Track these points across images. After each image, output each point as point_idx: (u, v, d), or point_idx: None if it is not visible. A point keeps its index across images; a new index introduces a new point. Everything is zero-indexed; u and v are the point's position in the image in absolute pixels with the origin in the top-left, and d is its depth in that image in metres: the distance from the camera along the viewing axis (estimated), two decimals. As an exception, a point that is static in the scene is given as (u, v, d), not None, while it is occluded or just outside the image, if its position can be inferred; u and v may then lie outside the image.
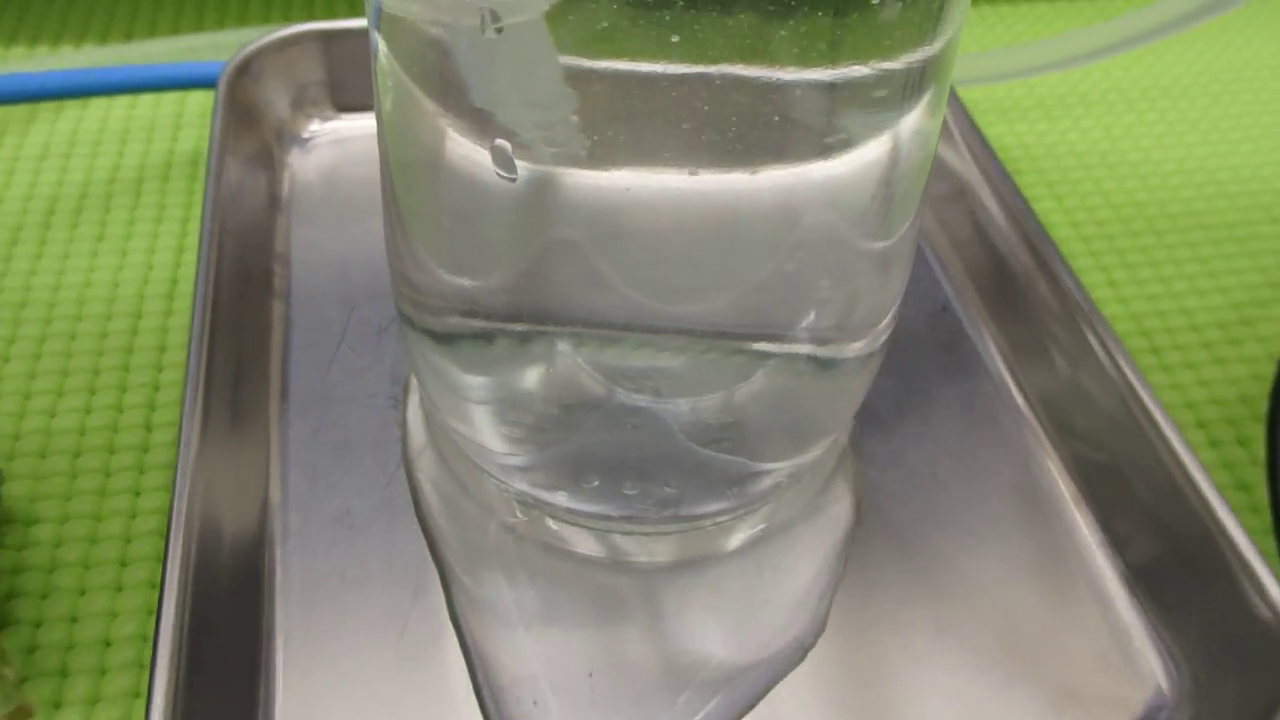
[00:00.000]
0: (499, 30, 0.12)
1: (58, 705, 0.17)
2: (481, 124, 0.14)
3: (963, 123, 0.24)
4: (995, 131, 0.28)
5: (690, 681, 0.17)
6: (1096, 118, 0.29)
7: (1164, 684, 0.17)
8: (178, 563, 0.16)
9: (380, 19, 0.14)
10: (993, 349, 0.22)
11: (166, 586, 0.15)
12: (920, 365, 0.22)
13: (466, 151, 0.14)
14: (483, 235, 0.15)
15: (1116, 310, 0.24)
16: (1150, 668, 0.17)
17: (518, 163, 0.13)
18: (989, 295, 0.22)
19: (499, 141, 0.13)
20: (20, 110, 0.27)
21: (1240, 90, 0.30)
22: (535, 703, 0.17)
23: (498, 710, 0.17)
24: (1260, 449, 0.21)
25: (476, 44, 0.13)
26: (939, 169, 0.24)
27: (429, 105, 0.14)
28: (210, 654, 0.16)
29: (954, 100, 0.24)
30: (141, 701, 0.17)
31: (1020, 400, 0.21)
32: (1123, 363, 0.19)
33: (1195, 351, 0.23)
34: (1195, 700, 0.17)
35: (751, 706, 0.17)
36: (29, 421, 0.20)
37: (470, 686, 0.17)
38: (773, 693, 0.17)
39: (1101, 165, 0.27)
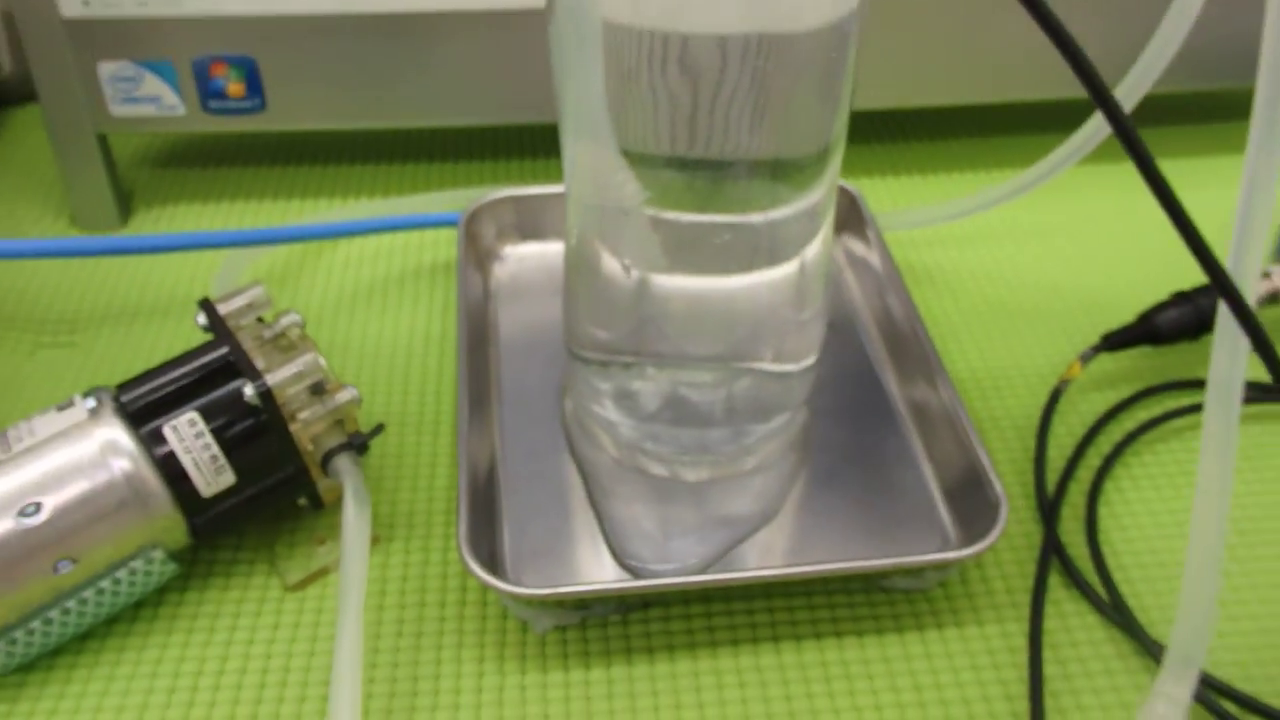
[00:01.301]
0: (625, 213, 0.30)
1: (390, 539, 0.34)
2: (616, 251, 0.31)
3: (882, 250, 0.41)
4: (920, 256, 0.45)
5: (712, 529, 0.34)
6: (988, 248, 0.46)
7: (949, 526, 0.33)
8: (464, 470, 0.33)
9: (569, 196, 0.32)
10: (889, 375, 0.39)
11: (461, 490, 0.33)
12: (845, 384, 0.38)
13: (609, 262, 0.31)
14: (611, 305, 0.32)
15: (963, 364, 0.40)
16: (942, 521, 0.33)
17: (632, 271, 0.31)
18: (889, 346, 0.39)
19: (626, 260, 0.31)
20: (344, 241, 0.46)
21: (1089, 229, 0.47)
22: (637, 537, 0.33)
23: (616, 541, 0.33)
24: (1032, 447, 0.37)
25: (614, 217, 0.30)
26: (868, 274, 0.41)
27: (593, 241, 0.31)
28: (476, 511, 0.33)
29: (877, 235, 0.41)
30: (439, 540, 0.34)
31: (901, 406, 0.37)
32: (948, 387, 0.35)
33: (1010, 386, 0.39)
34: (960, 544, 0.33)
35: (742, 540, 0.33)
36: (373, 408, 0.38)
37: (601, 532, 0.34)
38: (753, 537, 0.33)
39: (985, 279, 0.44)
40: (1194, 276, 0.40)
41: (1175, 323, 0.39)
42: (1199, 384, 0.37)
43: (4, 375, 0.40)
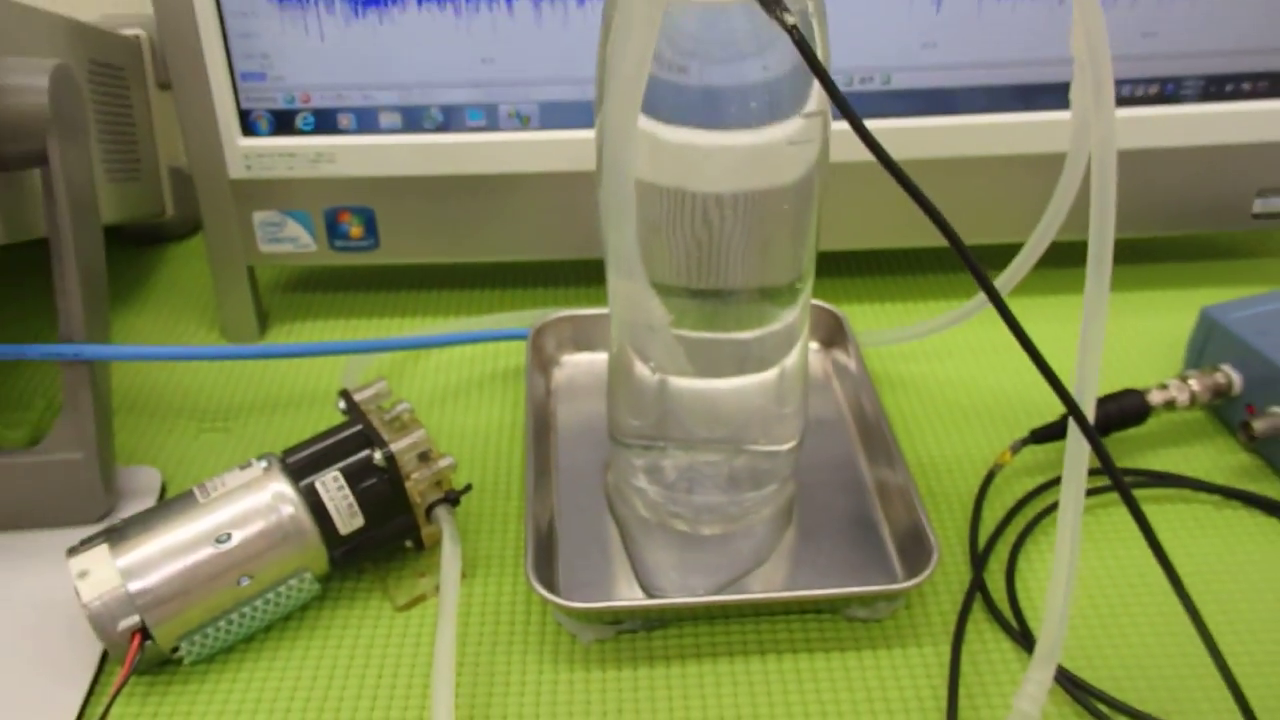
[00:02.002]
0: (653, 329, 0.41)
1: (472, 575, 0.45)
2: (645, 359, 0.42)
3: (859, 361, 0.52)
4: (893, 366, 0.56)
5: (718, 569, 0.44)
6: (946, 361, 0.57)
7: (898, 570, 0.43)
8: (530, 524, 0.44)
9: (611, 316, 0.43)
10: (860, 458, 0.49)
11: (527, 538, 0.44)
12: (826, 464, 0.49)
13: (640, 367, 0.42)
14: (641, 400, 0.44)
15: (922, 451, 0.51)
16: (884, 545, 0.44)
17: (657, 374, 0.42)
18: (861, 437, 0.50)
19: (652, 365, 0.42)
20: (438, 349, 0.58)
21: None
22: (661, 574, 0.44)
23: (645, 577, 0.44)
24: (968, 519, 0.47)
25: (644, 333, 0.42)
26: (848, 380, 0.52)
27: (628, 351, 0.43)
28: (539, 553, 0.44)
29: (856, 350, 0.52)
30: (513, 573, 0.45)
31: (868, 481, 0.48)
32: (903, 469, 0.46)
33: (958, 468, 0.50)
34: (906, 578, 0.43)
35: (741, 578, 0.44)
36: (462, 476, 0.49)
37: (633, 571, 0.44)
38: (749, 575, 0.44)
39: (943, 384, 0.55)
40: (1104, 386, 0.51)
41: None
42: (1101, 473, 0.47)
43: (177, 452, 0.52)
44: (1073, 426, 0.35)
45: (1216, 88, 0.58)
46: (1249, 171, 0.60)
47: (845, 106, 0.32)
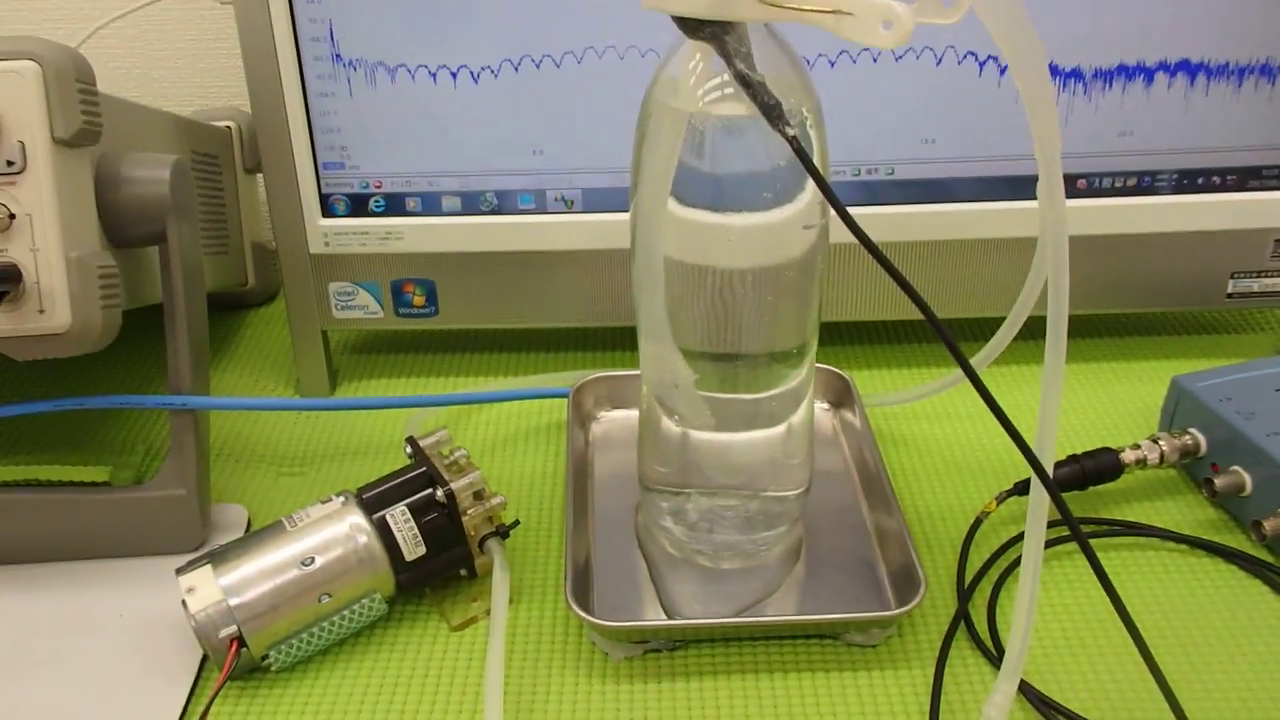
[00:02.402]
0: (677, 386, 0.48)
1: (514, 601, 0.51)
2: (670, 414, 0.49)
3: (863, 420, 0.58)
4: (896, 425, 0.63)
5: (734, 598, 0.50)
6: (942, 421, 0.63)
7: (892, 602, 0.49)
8: (569, 557, 0.50)
9: (642, 376, 0.50)
10: (862, 505, 0.55)
11: (566, 569, 0.50)
12: (832, 510, 0.55)
13: (666, 421, 0.49)
14: (667, 451, 0.50)
15: (919, 500, 0.57)
16: (880, 580, 0.50)
17: (680, 427, 0.49)
18: (864, 486, 0.56)
19: (676, 419, 0.49)
20: (490, 405, 0.65)
21: (1015, 410, 0.63)
22: (684, 602, 0.50)
23: (669, 604, 0.50)
24: (956, 559, 0.53)
25: (670, 390, 0.48)
26: (853, 436, 0.59)
27: (656, 406, 0.50)
28: (577, 583, 0.50)
29: (861, 410, 0.59)
30: (554, 599, 0.51)
31: (869, 525, 0.54)
32: (898, 515, 0.52)
33: (950, 515, 0.56)
34: (899, 605, 0.49)
35: (753, 606, 0.50)
36: (510, 514, 0.56)
37: (659, 600, 0.51)
38: (761, 604, 0.50)
39: (938, 442, 0.61)
40: (1084, 446, 0.57)
41: (1068, 477, 0.55)
42: (1084, 521, 0.53)
43: (260, 492, 0.59)
44: (1034, 478, 0.41)
45: (1190, 181, 0.64)
46: (1222, 255, 0.66)
47: (833, 198, 0.39)
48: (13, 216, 0.46)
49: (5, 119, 0.46)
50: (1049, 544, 0.54)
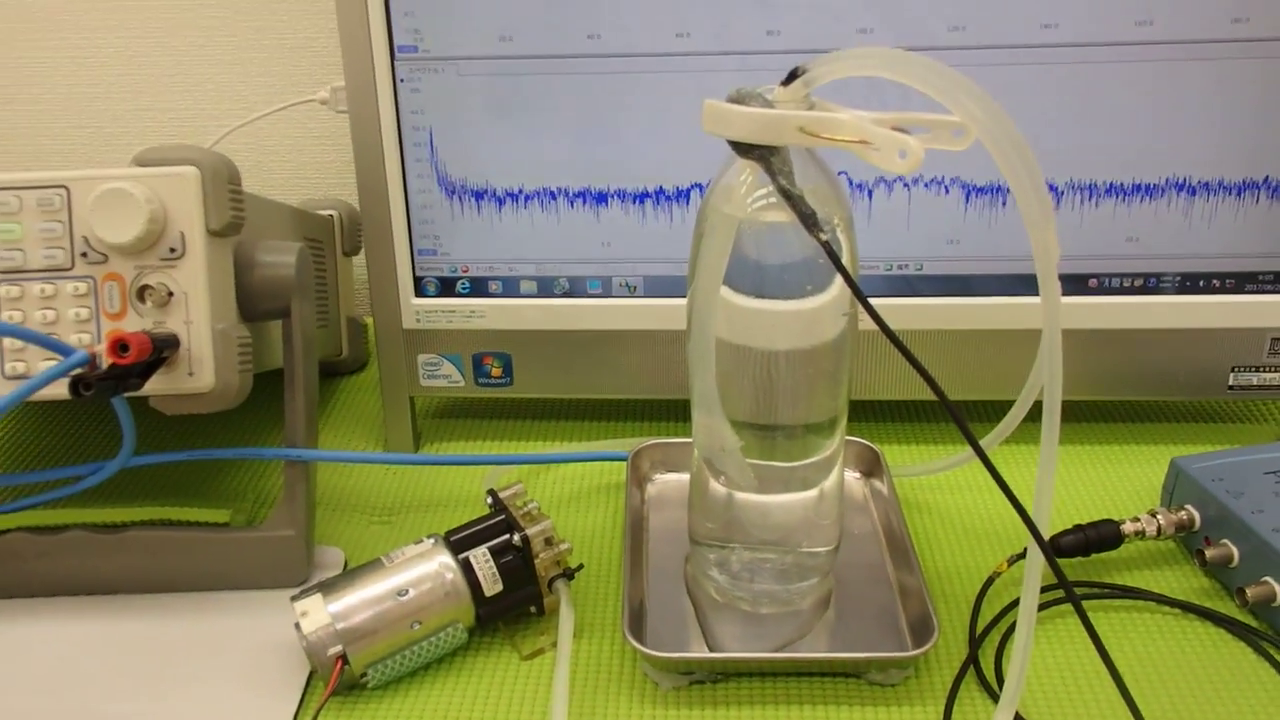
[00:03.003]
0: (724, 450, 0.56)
1: (578, 637, 0.59)
2: (717, 476, 0.56)
3: (890, 488, 0.65)
4: (921, 493, 0.70)
5: (771, 639, 0.57)
6: (962, 490, 0.70)
7: (909, 644, 0.56)
8: (625, 599, 0.58)
9: (694, 442, 0.58)
10: (887, 563, 0.62)
11: (624, 609, 0.57)
12: (860, 566, 0.62)
13: (714, 483, 0.57)
14: (713, 509, 0.58)
15: (939, 560, 0.64)
16: (901, 628, 0.56)
17: (726, 488, 0.56)
18: (889, 547, 0.63)
19: (723, 478, 0.56)
20: (558, 465, 0.73)
21: (1026, 485, 0.70)
22: (727, 642, 0.57)
23: (714, 643, 0.57)
24: (967, 616, 0.60)
25: (717, 455, 0.56)
26: (881, 503, 0.66)
27: (704, 469, 0.57)
28: (633, 621, 0.57)
29: (889, 479, 0.66)
30: (611, 632, 0.59)
31: (891, 580, 0.61)
32: (918, 573, 0.59)
33: (966, 574, 0.62)
34: (921, 641, 0.55)
35: (787, 646, 0.57)
36: (574, 560, 0.63)
37: (704, 639, 0.57)
38: (794, 645, 0.57)
39: (958, 509, 0.68)
40: (1090, 517, 0.64)
41: (1072, 544, 0.62)
42: (1075, 584, 0.60)
43: (353, 538, 0.67)
44: (1030, 539, 0.48)
45: (1191, 283, 0.71)
46: (1223, 351, 0.73)
47: (858, 292, 0.47)
48: (171, 294, 0.55)
49: (170, 213, 0.55)
50: (1052, 603, 0.60)
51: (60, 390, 0.52)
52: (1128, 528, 0.62)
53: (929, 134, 0.46)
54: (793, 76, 0.48)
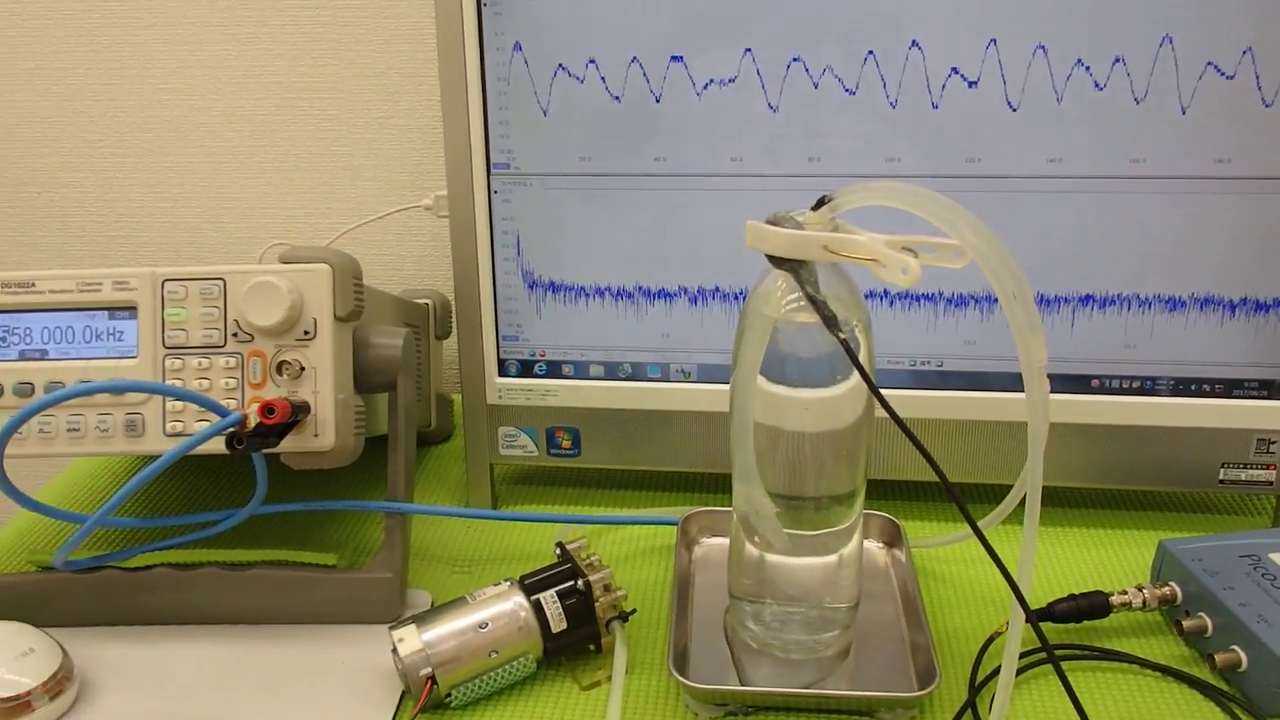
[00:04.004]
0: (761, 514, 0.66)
1: (630, 672, 0.68)
2: (751, 539, 0.66)
3: (908, 557, 0.75)
4: (935, 564, 0.78)
5: (798, 680, 0.66)
6: (978, 563, 0.79)
7: (913, 681, 0.65)
8: (671, 642, 0.67)
9: (734, 509, 0.68)
10: (901, 622, 0.71)
11: (670, 649, 0.67)
12: (877, 623, 0.71)
13: (749, 545, 0.66)
14: (748, 568, 0.67)
15: (948, 623, 0.72)
16: (910, 677, 0.65)
17: (759, 550, 0.66)
18: (904, 608, 0.72)
19: (756, 539, 0.66)
20: (617, 527, 0.83)
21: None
22: (759, 681, 0.66)
23: (748, 681, 0.66)
24: (969, 669, 0.68)
25: (752, 521, 0.66)
26: (899, 569, 0.75)
27: (741, 533, 0.67)
28: (677, 660, 0.67)
29: (907, 549, 0.75)
30: (656, 665, 0.68)
31: (905, 636, 0.70)
32: (927, 632, 0.68)
33: (971, 634, 0.71)
34: (925, 685, 0.64)
35: (814, 684, 0.66)
36: (628, 605, 0.73)
37: (738, 678, 0.67)
38: (819, 684, 0.66)
39: (969, 579, 0.77)
40: (1082, 587, 0.72)
41: (1066, 611, 0.70)
42: (1066, 646, 0.68)
43: (436, 584, 0.78)
44: (1014, 601, 0.57)
45: (1184, 386, 0.80)
46: (1214, 448, 0.81)
47: (871, 384, 0.57)
48: (303, 369, 0.67)
49: (306, 302, 0.67)
50: (1040, 663, 0.68)
51: (216, 446, 0.64)
52: (1116, 599, 0.71)
53: (933, 253, 0.57)
54: (821, 203, 0.59)
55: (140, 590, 0.72)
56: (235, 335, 0.67)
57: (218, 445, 0.64)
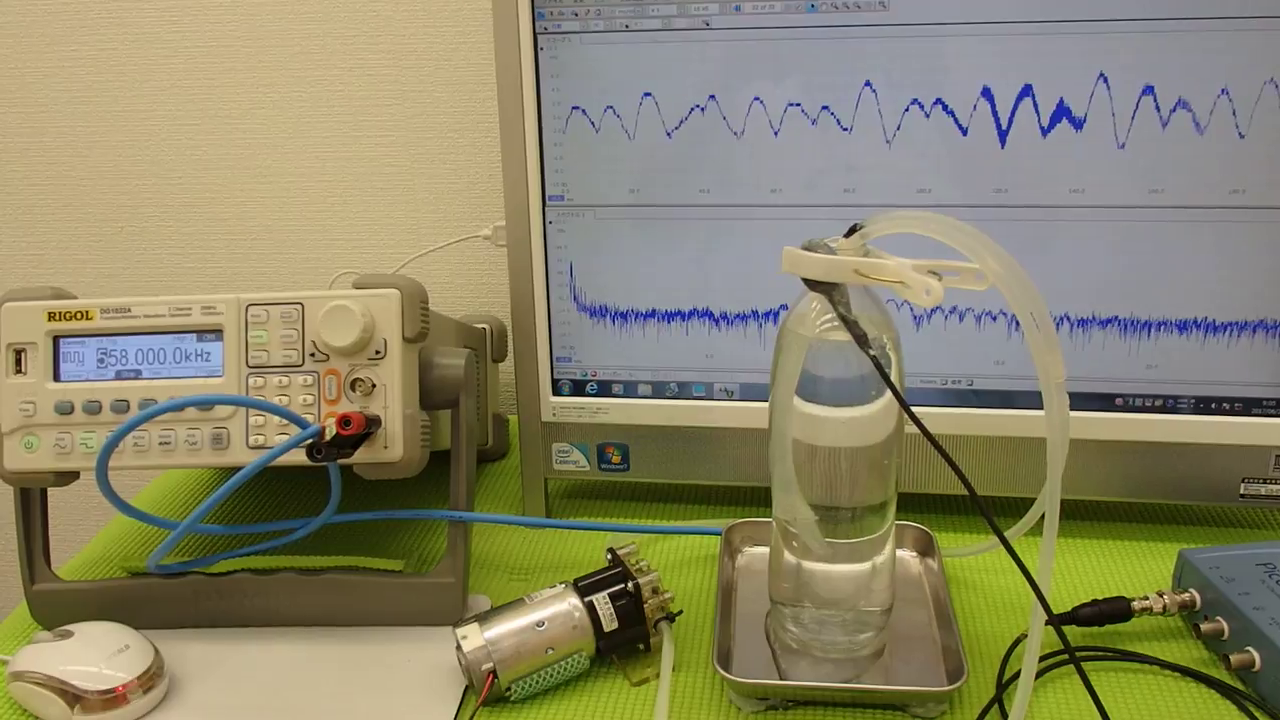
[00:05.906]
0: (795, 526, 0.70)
1: (677, 669, 0.73)
2: (790, 547, 0.71)
3: (939, 565, 0.79)
4: (965, 573, 0.83)
5: (835, 678, 0.70)
6: (1006, 572, 0.83)
7: (944, 679, 0.69)
8: (716, 641, 0.72)
9: (774, 518, 0.72)
10: (932, 625, 0.75)
11: (714, 648, 0.72)
12: (909, 626, 0.75)
13: (788, 553, 0.71)
14: (786, 574, 0.72)
15: (976, 625, 0.76)
16: (940, 675, 0.69)
17: (796, 557, 0.71)
18: (935, 614, 0.76)
19: (795, 545, 0.71)
20: (666, 536, 0.88)
21: (1054, 567, 0.83)
22: (798, 677, 0.71)
23: (783, 672, 0.71)
24: (996, 669, 0.72)
25: (791, 530, 0.70)
26: (931, 577, 0.79)
27: (780, 541, 0.72)
28: (721, 659, 0.71)
29: (939, 558, 0.79)
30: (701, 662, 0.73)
31: (937, 638, 0.74)
32: (956, 634, 0.72)
33: (998, 636, 0.75)
34: (954, 683, 0.68)
35: (850, 681, 0.70)
36: (675, 607, 0.78)
37: (778, 672, 0.71)
38: (855, 680, 0.70)
39: (998, 587, 0.81)
40: (1107, 592, 0.76)
41: (1089, 615, 0.74)
42: (1087, 648, 0.72)
43: (497, 589, 0.83)
44: (1035, 605, 0.61)
45: (1204, 405, 0.84)
46: (1234, 464, 0.85)
47: (901, 400, 0.62)
48: (374, 386, 0.73)
49: (377, 325, 0.73)
50: (1063, 663, 0.72)
51: (294, 458, 0.70)
52: (1137, 604, 0.75)
53: (958, 277, 0.61)
54: (853, 230, 0.64)
55: (223, 594, 0.78)
56: (312, 355, 0.73)
57: (296, 457, 0.70)
